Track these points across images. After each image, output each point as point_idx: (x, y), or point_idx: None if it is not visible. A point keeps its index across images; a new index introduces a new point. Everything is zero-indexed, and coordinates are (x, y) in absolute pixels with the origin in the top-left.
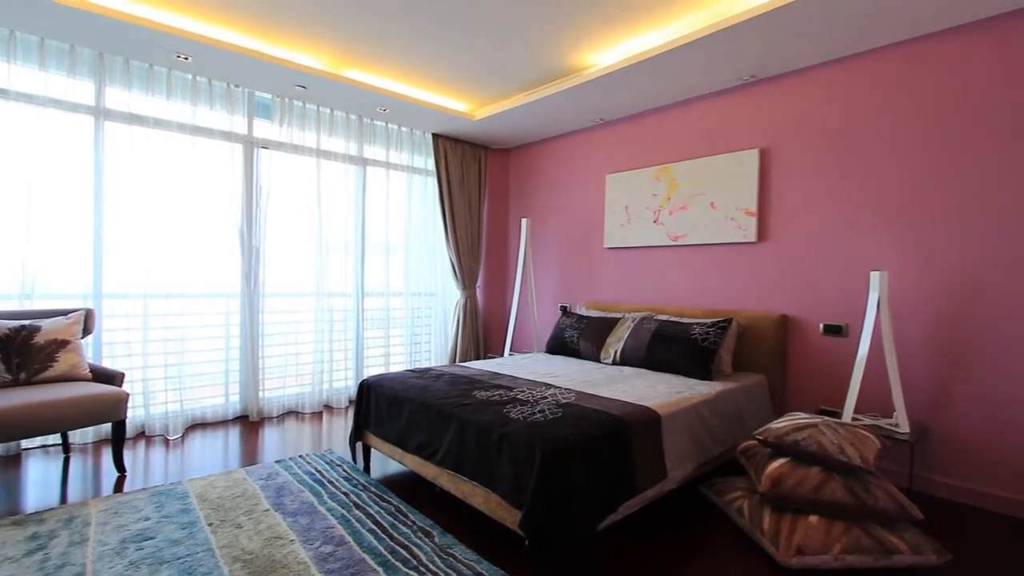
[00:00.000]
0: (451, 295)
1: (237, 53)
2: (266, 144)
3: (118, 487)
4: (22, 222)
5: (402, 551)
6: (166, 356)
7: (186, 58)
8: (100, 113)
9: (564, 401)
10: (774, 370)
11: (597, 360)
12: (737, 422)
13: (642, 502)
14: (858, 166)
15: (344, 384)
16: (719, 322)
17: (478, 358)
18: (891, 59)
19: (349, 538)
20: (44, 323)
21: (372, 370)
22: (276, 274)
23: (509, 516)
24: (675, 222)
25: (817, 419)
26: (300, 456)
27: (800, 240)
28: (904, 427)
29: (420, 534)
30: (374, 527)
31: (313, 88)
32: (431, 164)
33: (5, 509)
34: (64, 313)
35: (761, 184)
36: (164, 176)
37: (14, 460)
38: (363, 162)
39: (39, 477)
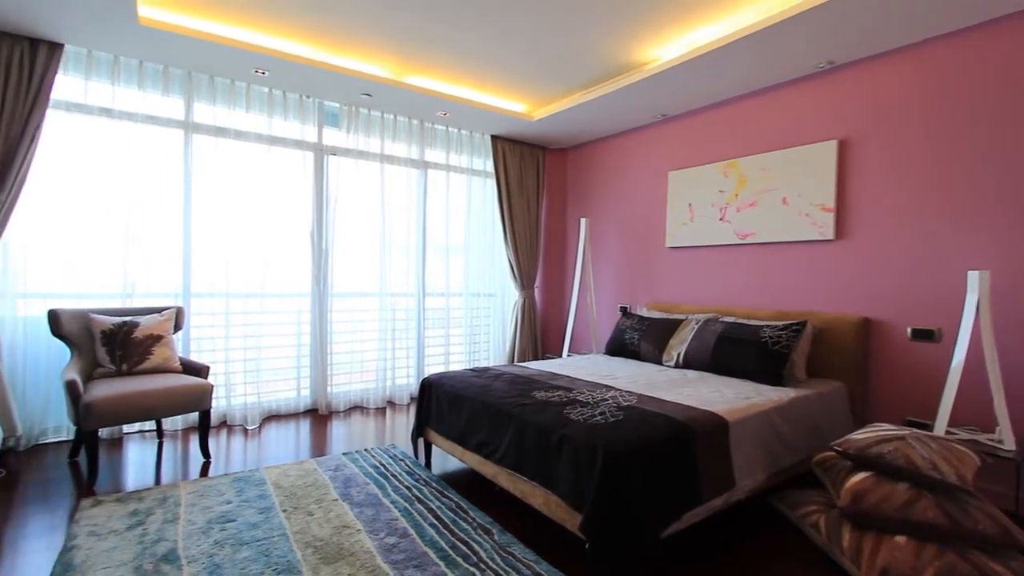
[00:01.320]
0: (509, 295)
1: (309, 66)
2: (334, 151)
3: (204, 472)
4: (123, 229)
5: (462, 547)
6: (245, 351)
7: (264, 72)
8: (189, 127)
9: (625, 404)
10: (854, 377)
11: (659, 362)
12: (812, 431)
13: (708, 512)
14: (956, 155)
15: (406, 381)
16: (792, 325)
17: (536, 358)
18: (1002, 34)
19: (412, 531)
20: (142, 320)
21: (432, 368)
22: (343, 275)
23: (569, 518)
24: (743, 219)
25: (904, 431)
26: (365, 449)
27: (885, 237)
28: (1009, 443)
29: (480, 531)
30: (435, 522)
31: (378, 96)
32: (490, 166)
33: (110, 487)
34: (159, 311)
35: (840, 178)
36: (244, 183)
37: (117, 443)
38: (424, 165)
39: (137, 459)
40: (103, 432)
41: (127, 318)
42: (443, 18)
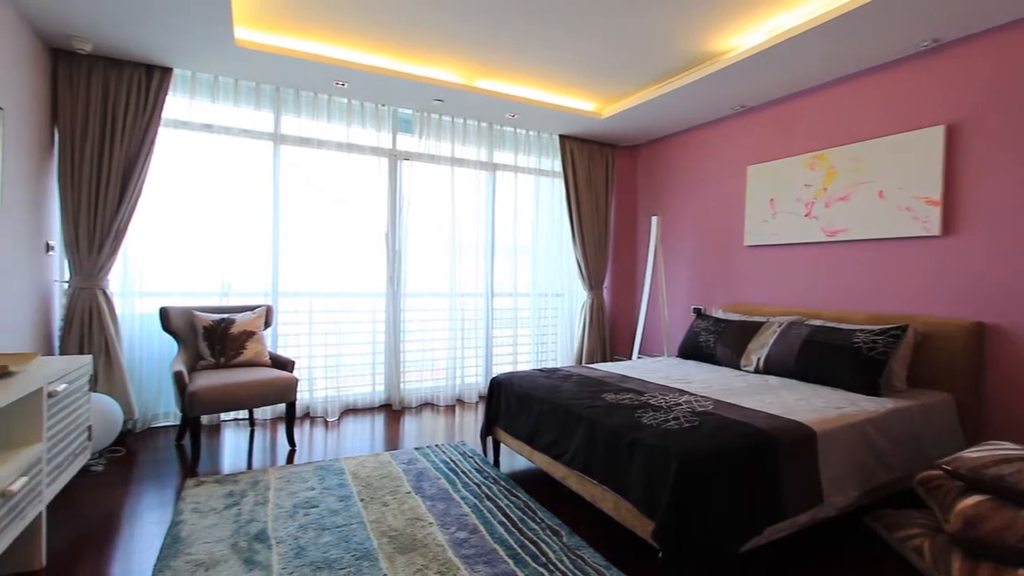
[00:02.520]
0: (577, 296)
1: (385, 75)
2: (407, 156)
3: (289, 459)
4: (221, 233)
5: (531, 546)
6: (326, 348)
7: (344, 84)
8: (277, 138)
9: (701, 409)
10: (964, 388)
11: (736, 367)
12: (913, 447)
13: (793, 527)
14: None
15: (475, 380)
16: (889, 329)
17: (604, 360)
18: None
19: (481, 527)
20: (237, 317)
21: (500, 368)
22: (415, 275)
23: (640, 525)
24: (832, 215)
25: None
26: (436, 445)
27: (1003, 232)
28: None
29: (548, 532)
30: (504, 519)
31: (449, 101)
32: (558, 166)
33: (209, 469)
34: (251, 308)
35: (948, 167)
36: (325, 189)
37: (215, 430)
38: (493, 167)
39: (232, 445)
40: (204, 419)
41: (224, 315)
42: (513, 22)
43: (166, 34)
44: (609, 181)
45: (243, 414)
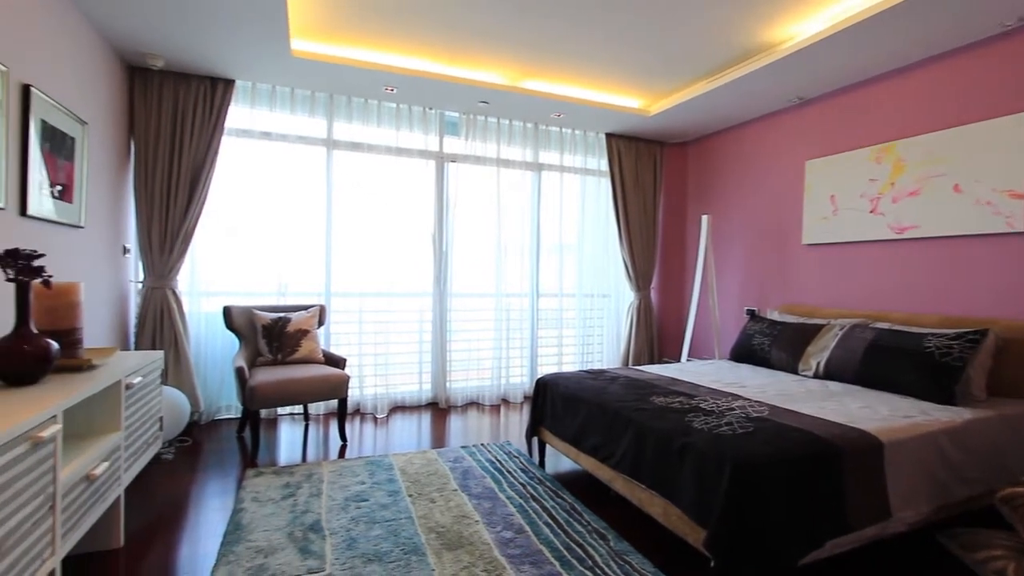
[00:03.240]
0: (624, 296)
1: (432, 79)
2: (454, 158)
3: (341, 453)
4: (278, 236)
5: (577, 549)
6: (375, 346)
7: (393, 90)
8: (330, 143)
9: (755, 415)
10: None
11: (794, 372)
12: (994, 461)
13: (857, 542)
14: None
15: (520, 380)
16: (966, 333)
17: (652, 362)
18: None
19: (527, 528)
20: (293, 316)
21: (545, 368)
22: (461, 276)
23: (691, 532)
24: (901, 211)
25: None
26: (482, 444)
27: None
28: None
29: (595, 535)
30: (550, 521)
31: (494, 102)
32: (604, 165)
33: (267, 460)
34: (305, 308)
35: None
36: (375, 192)
37: (272, 423)
38: (538, 167)
39: (288, 439)
40: (262, 413)
41: (281, 314)
42: (559, 22)
43: (229, 48)
44: (657, 179)
45: (298, 409)
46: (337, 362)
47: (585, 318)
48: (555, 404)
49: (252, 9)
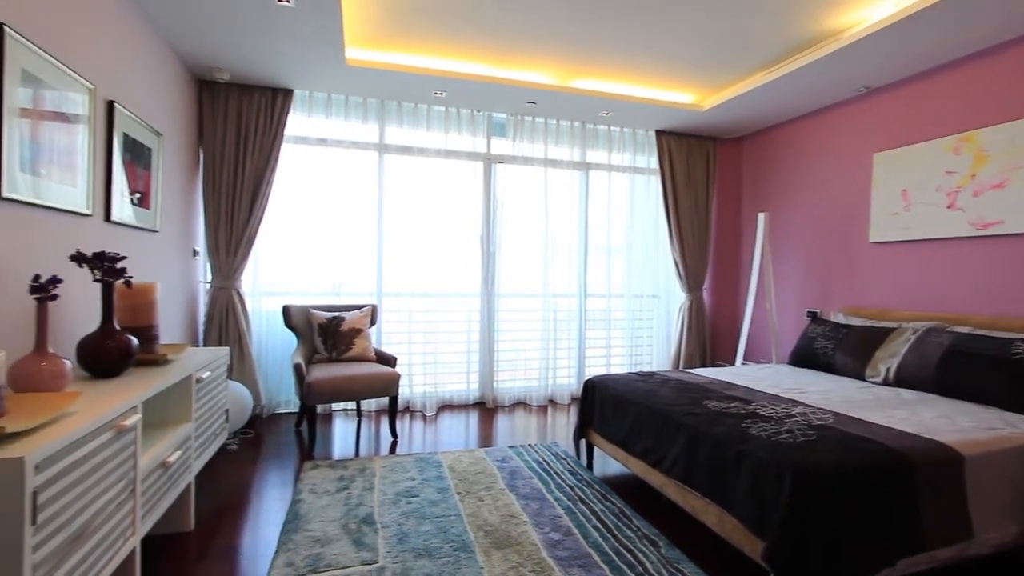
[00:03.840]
0: (675, 297)
1: (480, 82)
2: (501, 159)
3: (392, 449)
4: (333, 238)
5: (627, 554)
6: (424, 345)
7: (442, 93)
8: (381, 148)
9: (819, 423)
10: None
11: (860, 378)
12: None
13: (933, 562)
14: None
15: (567, 381)
16: None
17: (704, 365)
18: None
19: (575, 530)
20: (347, 315)
21: (593, 370)
22: (508, 276)
23: (748, 543)
24: (983, 205)
25: None
26: (529, 445)
27: None
28: None
29: (645, 541)
30: (599, 524)
31: (542, 102)
32: (654, 162)
33: (322, 454)
34: (359, 308)
35: None
36: (424, 194)
37: (327, 418)
38: (586, 167)
39: (341, 433)
40: (318, 408)
41: (335, 313)
42: (609, 17)
43: (289, 60)
44: (710, 176)
45: (351, 405)
46: (388, 360)
47: (634, 319)
48: (604, 406)
49: (311, 24)
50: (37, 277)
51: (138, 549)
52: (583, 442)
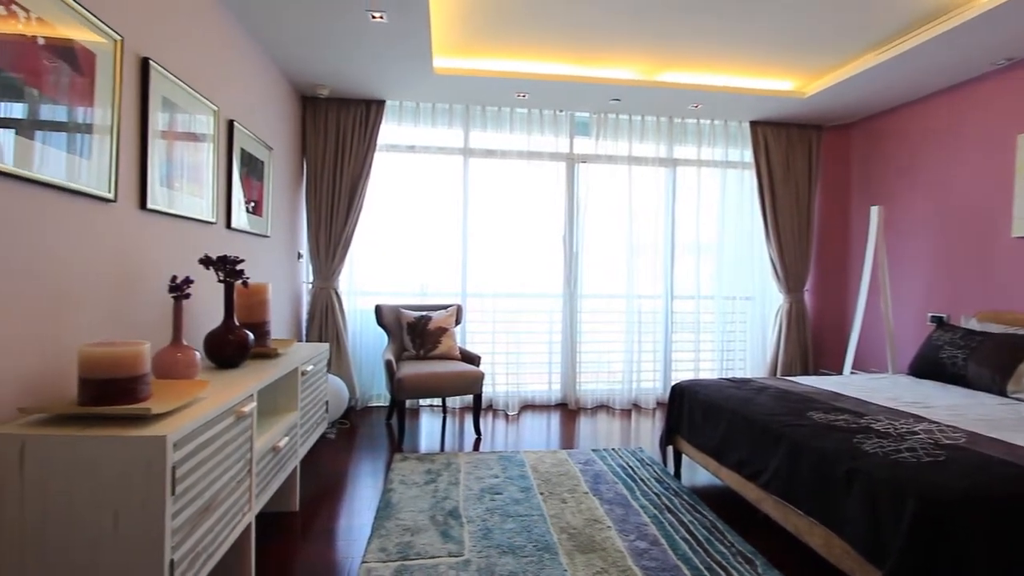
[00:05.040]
0: (771, 299)
1: (563, 82)
2: (584, 158)
3: (475, 446)
4: (420, 240)
5: (719, 571)
6: (507, 345)
7: (524, 95)
8: (466, 152)
9: (947, 442)
10: None
11: (1000, 393)
12: None
13: None
14: None
15: (652, 385)
16: None
17: (805, 373)
18: None
19: (663, 541)
20: (433, 314)
21: (680, 374)
22: (591, 277)
23: (860, 569)
24: None
25: None
26: (613, 449)
27: None
28: None
29: (740, 559)
30: (688, 537)
31: (626, 99)
32: (748, 156)
33: (410, 447)
34: (444, 307)
35: None
36: (507, 196)
37: (414, 413)
38: (673, 163)
39: (428, 429)
40: (407, 403)
41: (423, 313)
42: (698, 6)
43: (382, 72)
44: (813, 168)
45: (437, 401)
46: (472, 359)
47: (725, 322)
48: (693, 413)
49: (403, 35)
50: (174, 278)
51: (253, 524)
52: (670, 449)
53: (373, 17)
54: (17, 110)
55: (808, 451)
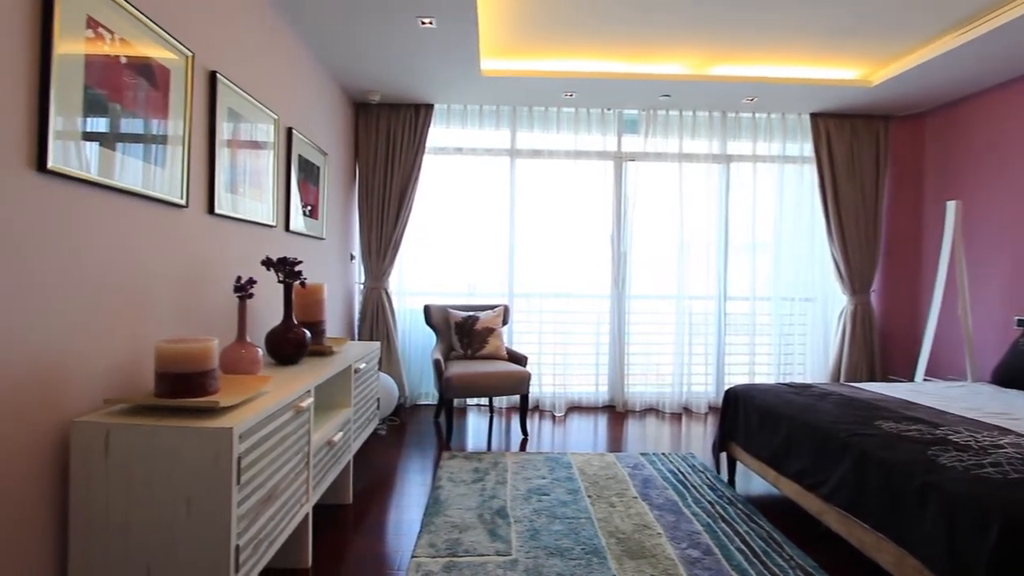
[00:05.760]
0: (834, 301)
1: (611, 79)
2: (632, 157)
3: (522, 446)
4: (467, 240)
5: None
6: (554, 346)
7: (572, 95)
8: (513, 153)
9: None
10: None
11: None
12: None
13: None
14: None
15: (703, 389)
16: None
17: (872, 380)
18: None
19: (716, 550)
20: (480, 315)
21: (733, 378)
22: (639, 277)
23: None
24: None
25: None
26: (662, 453)
27: None
28: None
29: (800, 572)
30: (743, 547)
31: (676, 95)
32: (808, 150)
33: (458, 445)
34: (491, 307)
35: None
36: (553, 196)
37: (462, 412)
38: (726, 159)
39: (474, 428)
40: (454, 401)
41: (470, 313)
42: None
43: (431, 77)
44: (880, 161)
45: (484, 400)
46: (519, 359)
47: (783, 324)
48: (749, 419)
49: (451, 40)
50: (239, 279)
51: (310, 515)
52: (724, 456)
53: (423, 24)
54: (101, 124)
55: (877, 462)
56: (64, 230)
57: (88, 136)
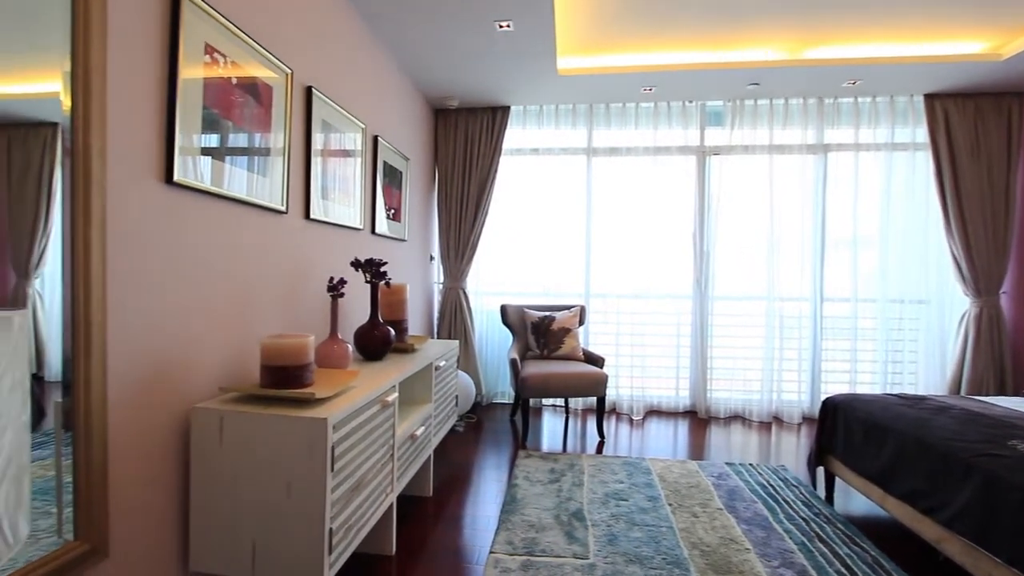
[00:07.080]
0: (953, 303)
1: (692, 71)
2: (716, 151)
3: (598, 449)
4: (544, 240)
5: None
6: (631, 348)
7: (651, 89)
8: (589, 151)
9: None
10: None
11: None
12: None
13: None
14: None
15: (796, 397)
16: None
17: (1002, 393)
18: None
19: (812, 572)
20: (557, 315)
21: (832, 387)
22: (724, 277)
23: None
24: None
25: None
26: (750, 464)
27: None
28: None
29: None
30: (844, 572)
31: (766, 83)
32: (921, 135)
33: (533, 445)
34: (568, 308)
35: None
36: (631, 194)
37: (537, 412)
38: (823, 149)
39: (550, 428)
40: (530, 401)
41: (546, 313)
42: None
43: (507, 79)
44: (1012, 144)
45: (559, 401)
46: (596, 360)
47: (890, 329)
48: (851, 431)
49: (528, 42)
50: (332, 279)
51: (394, 505)
52: (820, 470)
53: (500, 27)
54: (214, 140)
55: (1009, 487)
56: (185, 236)
57: (205, 151)
